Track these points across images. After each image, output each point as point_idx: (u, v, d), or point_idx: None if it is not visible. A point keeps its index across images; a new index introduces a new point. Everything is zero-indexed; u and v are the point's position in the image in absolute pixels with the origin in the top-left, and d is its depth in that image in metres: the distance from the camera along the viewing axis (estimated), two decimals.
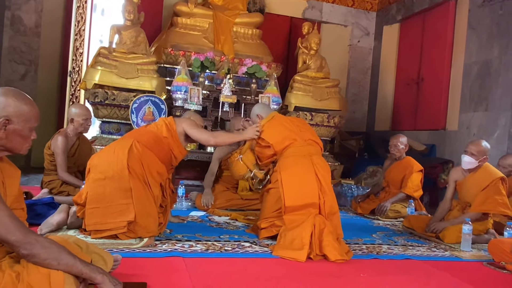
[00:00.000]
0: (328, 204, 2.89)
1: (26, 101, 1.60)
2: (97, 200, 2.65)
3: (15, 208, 1.63)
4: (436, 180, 5.59)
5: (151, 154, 2.86)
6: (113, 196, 2.65)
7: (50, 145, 3.74)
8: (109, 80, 5.21)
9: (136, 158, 2.78)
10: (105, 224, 2.62)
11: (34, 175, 5.35)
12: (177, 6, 6.31)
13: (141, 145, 2.85)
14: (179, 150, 2.99)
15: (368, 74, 8.09)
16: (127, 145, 2.82)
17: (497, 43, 5.26)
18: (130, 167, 2.73)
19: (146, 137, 2.92)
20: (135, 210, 2.66)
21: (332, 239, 2.68)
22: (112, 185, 2.68)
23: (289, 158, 3.02)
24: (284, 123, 3.19)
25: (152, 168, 2.84)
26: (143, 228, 2.70)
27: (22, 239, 1.44)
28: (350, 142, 7.15)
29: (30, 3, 6.23)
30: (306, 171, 2.94)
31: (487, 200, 3.30)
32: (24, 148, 1.63)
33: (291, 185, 2.90)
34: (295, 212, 2.84)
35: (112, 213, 2.63)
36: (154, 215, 2.80)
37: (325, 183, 2.94)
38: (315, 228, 2.70)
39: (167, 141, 2.93)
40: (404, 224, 3.85)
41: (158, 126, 2.98)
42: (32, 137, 1.64)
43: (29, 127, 1.60)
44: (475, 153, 3.39)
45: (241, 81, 5.98)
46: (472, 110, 5.56)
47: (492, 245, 2.94)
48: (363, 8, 7.97)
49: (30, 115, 1.60)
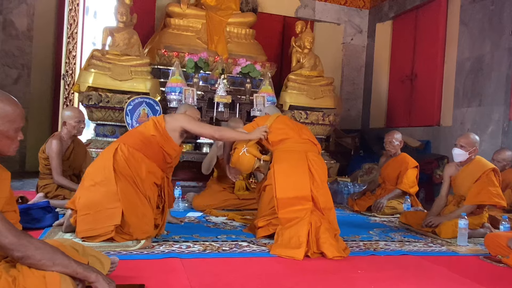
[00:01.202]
0: (322, 199, 2.90)
1: (9, 102, 1.58)
2: (88, 207, 2.65)
3: (7, 210, 1.62)
4: (431, 175, 5.62)
5: (138, 155, 2.82)
6: (102, 201, 2.64)
7: (44, 149, 3.73)
8: (103, 82, 5.20)
9: (122, 161, 2.77)
10: (94, 230, 2.61)
11: (29, 179, 5.32)
12: (169, 7, 6.30)
13: (127, 146, 2.83)
14: (171, 147, 2.92)
15: (362, 72, 8.11)
16: (112, 149, 2.83)
17: (489, 39, 5.30)
18: (116, 171, 2.73)
19: (132, 138, 2.90)
20: (126, 213, 2.64)
21: (329, 236, 2.69)
22: (102, 190, 2.67)
23: (284, 152, 3.06)
24: (286, 121, 3.29)
25: (141, 169, 2.81)
26: (137, 229, 2.68)
27: (15, 241, 1.43)
28: (345, 140, 7.17)
29: (22, 6, 6.20)
30: (298, 165, 2.97)
31: (481, 191, 3.34)
32: (11, 150, 1.62)
33: (283, 177, 2.93)
34: (288, 206, 2.83)
35: (101, 218, 2.62)
36: (149, 215, 2.78)
37: (318, 178, 2.96)
38: (311, 226, 2.70)
39: (155, 139, 2.88)
40: (401, 220, 3.87)
41: (146, 126, 2.95)
42: (18, 137, 1.62)
43: (14, 128, 1.58)
44: (464, 145, 3.47)
45: (235, 81, 5.98)
46: (466, 105, 5.59)
47: (488, 239, 2.96)
48: (355, 6, 7.99)
49: (14, 116, 1.58)
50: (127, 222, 2.65)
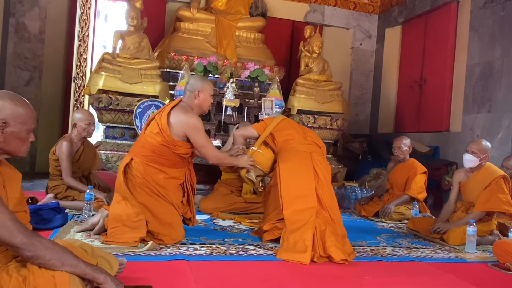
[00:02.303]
0: (327, 198, 2.91)
1: (22, 104, 1.61)
2: (116, 220, 2.72)
3: (18, 210, 1.65)
4: (440, 182, 5.58)
5: (153, 168, 2.85)
6: (129, 215, 2.70)
7: (55, 150, 3.77)
8: (113, 85, 5.26)
9: (139, 177, 2.82)
10: (121, 238, 2.68)
11: (39, 180, 5.38)
12: (179, 11, 6.35)
13: (141, 161, 2.85)
14: (183, 148, 2.89)
15: (370, 77, 8.09)
16: (123, 165, 2.86)
17: (499, 44, 5.26)
18: (136, 187, 2.81)
19: (143, 149, 2.88)
20: (153, 225, 2.75)
21: (335, 239, 2.69)
22: (128, 205, 2.73)
23: (289, 152, 3.09)
24: (291, 123, 3.35)
25: (160, 179, 2.85)
26: (167, 236, 2.79)
27: (26, 241, 1.45)
28: (353, 145, 7.14)
29: (34, 10, 6.29)
30: (303, 164, 3.00)
31: (491, 198, 3.31)
32: (22, 151, 1.64)
33: (288, 175, 2.95)
34: (293, 205, 2.83)
35: (128, 230, 2.69)
36: (176, 222, 2.88)
37: (323, 178, 2.98)
38: (316, 229, 2.71)
39: (165, 147, 2.85)
40: (409, 226, 3.84)
41: (152, 133, 2.88)
42: (30, 139, 1.65)
43: (26, 129, 1.62)
44: (475, 151, 3.44)
45: (244, 85, 6.00)
46: (475, 111, 5.55)
47: (497, 246, 2.93)
48: (365, 11, 7.98)
49: (26, 117, 1.61)
50: (155, 231, 2.76)
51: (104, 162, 5.07)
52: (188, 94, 3.02)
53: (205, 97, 3.03)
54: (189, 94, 3.01)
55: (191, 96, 3.00)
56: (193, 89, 3.00)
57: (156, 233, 2.76)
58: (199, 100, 3.01)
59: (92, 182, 3.94)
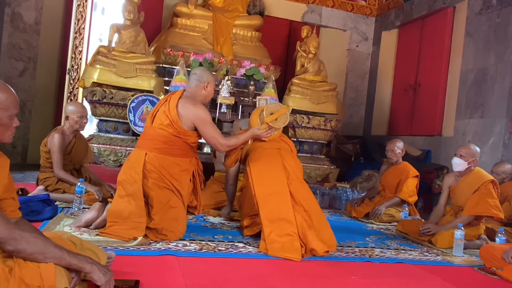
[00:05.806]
0: (298, 192, 2.90)
1: (2, 89, 1.57)
2: (117, 215, 2.73)
3: (6, 197, 1.63)
4: (430, 185, 5.62)
5: (168, 160, 2.87)
6: (131, 214, 2.72)
7: (46, 142, 3.75)
8: (107, 78, 5.23)
9: (156, 172, 2.83)
10: (118, 233, 2.69)
11: (30, 172, 5.34)
12: (177, 6, 6.34)
13: (155, 154, 2.86)
14: (192, 137, 2.97)
15: (366, 79, 8.13)
16: (140, 161, 2.83)
17: (494, 51, 5.31)
18: (151, 183, 2.81)
19: (155, 142, 2.89)
20: (160, 220, 2.77)
21: (314, 232, 2.74)
22: (132, 203, 2.75)
23: (257, 150, 3.15)
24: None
25: (176, 172, 2.89)
26: (171, 232, 2.81)
27: (7, 235, 1.44)
28: (346, 146, 7.18)
29: (30, 0, 6.24)
30: (272, 161, 3.04)
31: (479, 202, 3.35)
32: (6, 137, 1.61)
33: (259, 174, 2.98)
34: (269, 204, 2.83)
35: (127, 228, 2.70)
36: (182, 217, 2.91)
37: (293, 172, 3.01)
38: (298, 226, 2.74)
39: (177, 137, 2.91)
40: (398, 228, 3.87)
41: (162, 124, 2.91)
42: (14, 124, 1.61)
43: (8, 115, 1.58)
44: (464, 155, 3.51)
45: (239, 82, 6.00)
46: (468, 116, 5.60)
47: (483, 250, 2.97)
48: (362, 13, 8.01)
49: (7, 103, 1.57)
50: (159, 227, 2.77)
51: (96, 156, 5.04)
52: (197, 84, 3.04)
53: (211, 90, 3.10)
54: (197, 84, 3.04)
55: (199, 86, 3.04)
56: (203, 80, 3.04)
57: (160, 228, 2.77)
58: (207, 91, 3.07)
59: (84, 175, 3.93)
